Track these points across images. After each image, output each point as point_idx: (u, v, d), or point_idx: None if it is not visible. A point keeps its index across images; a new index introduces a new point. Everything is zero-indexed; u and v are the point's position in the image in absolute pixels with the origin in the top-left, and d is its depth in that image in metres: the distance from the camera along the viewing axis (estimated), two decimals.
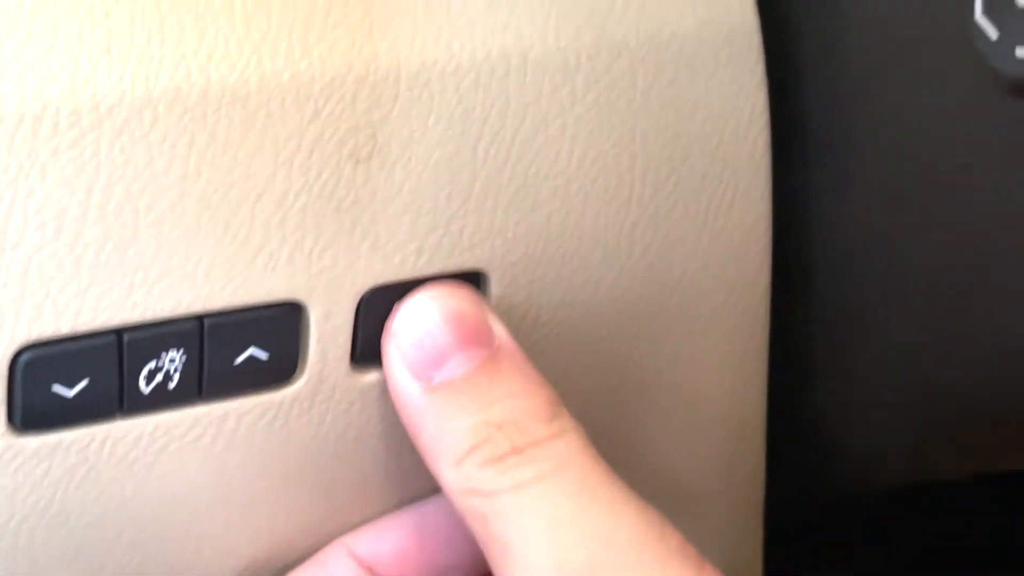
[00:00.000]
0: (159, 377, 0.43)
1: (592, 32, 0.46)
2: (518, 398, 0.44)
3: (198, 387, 0.44)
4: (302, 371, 0.45)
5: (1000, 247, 0.45)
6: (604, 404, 0.50)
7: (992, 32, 0.39)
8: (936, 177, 0.46)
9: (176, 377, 0.43)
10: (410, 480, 0.48)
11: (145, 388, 0.43)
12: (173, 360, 0.43)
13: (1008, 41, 0.39)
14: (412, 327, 0.44)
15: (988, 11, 0.39)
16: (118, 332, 0.42)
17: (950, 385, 0.50)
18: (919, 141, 0.46)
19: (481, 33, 0.44)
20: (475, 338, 0.44)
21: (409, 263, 0.45)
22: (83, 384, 0.42)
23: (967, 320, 0.47)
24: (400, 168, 0.44)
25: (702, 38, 0.47)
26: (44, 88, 0.40)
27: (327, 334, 0.45)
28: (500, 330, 0.45)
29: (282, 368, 0.45)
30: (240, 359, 0.44)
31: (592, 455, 0.43)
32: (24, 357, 0.41)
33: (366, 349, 0.46)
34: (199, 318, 0.43)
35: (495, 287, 0.46)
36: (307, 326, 0.45)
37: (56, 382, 0.42)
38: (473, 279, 0.46)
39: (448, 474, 0.43)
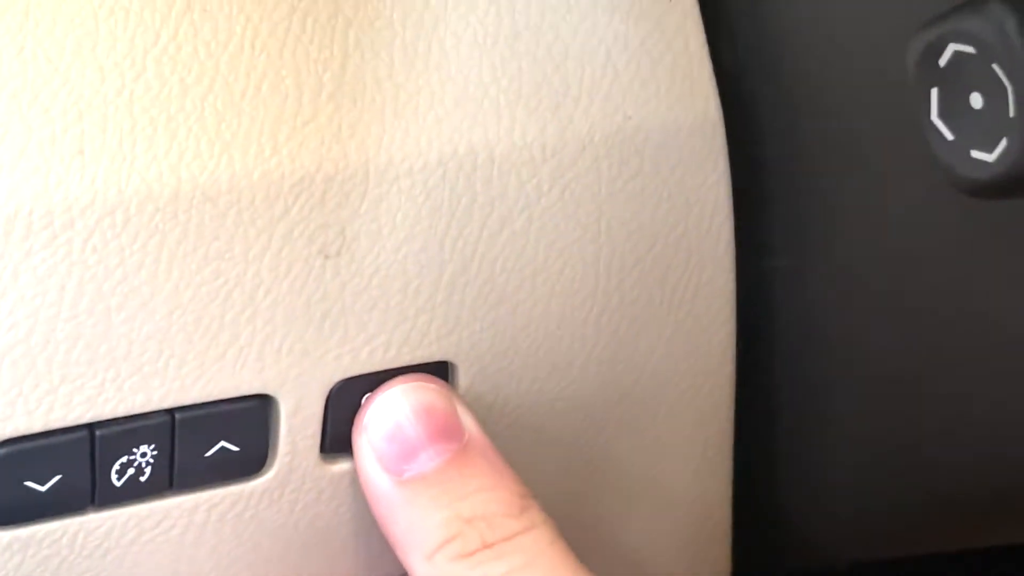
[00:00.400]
0: (131, 471, 0.44)
1: (557, 127, 0.46)
2: (488, 492, 0.44)
3: (169, 480, 0.44)
4: (272, 462, 0.46)
5: (955, 338, 0.46)
6: (571, 490, 0.50)
7: (948, 133, 0.40)
8: (894, 270, 0.47)
9: (148, 471, 0.44)
10: (379, 569, 0.48)
11: (117, 482, 0.44)
12: (145, 454, 0.44)
13: (963, 143, 0.39)
14: (383, 421, 0.45)
15: (943, 113, 0.40)
16: (90, 428, 0.43)
17: (910, 468, 0.50)
18: (878, 235, 0.47)
19: (448, 130, 0.45)
20: (445, 432, 0.45)
21: (378, 356, 0.46)
22: (55, 479, 0.43)
23: (925, 408, 0.48)
24: (369, 263, 0.45)
25: (666, 131, 0.48)
26: (17, 190, 0.41)
27: (297, 426, 0.45)
28: (470, 423, 0.45)
29: (252, 460, 0.45)
30: (211, 452, 0.45)
31: (561, 548, 0.44)
32: None
33: (335, 440, 0.46)
34: (170, 413, 0.44)
35: (463, 378, 0.47)
36: (277, 418, 0.45)
37: (28, 478, 0.43)
38: (441, 370, 0.47)
39: (419, 567, 0.44)
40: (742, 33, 0.49)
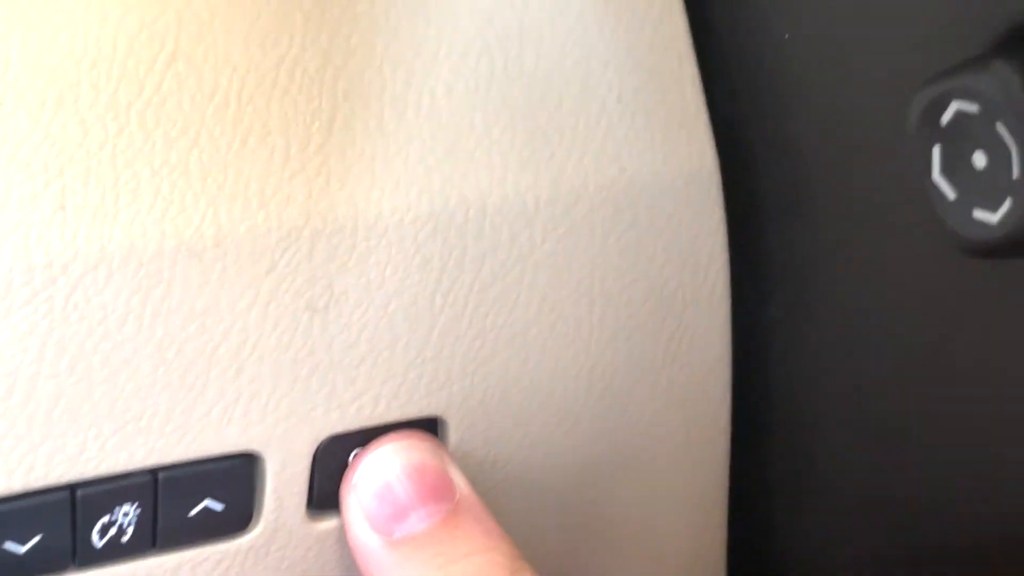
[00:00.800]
0: (112, 531, 0.43)
1: (550, 179, 0.46)
2: (480, 555, 0.43)
3: (152, 539, 0.43)
4: (258, 520, 0.45)
5: (952, 402, 0.45)
6: (564, 546, 0.49)
7: (950, 192, 0.39)
8: (894, 324, 0.46)
9: (130, 530, 0.43)
10: None
11: (98, 542, 0.43)
12: (127, 514, 0.43)
13: (966, 202, 0.39)
14: (373, 480, 0.44)
15: (946, 171, 0.39)
16: (71, 488, 0.42)
17: (904, 521, 0.49)
18: (876, 290, 0.46)
19: (439, 182, 0.44)
20: (437, 492, 0.44)
21: (366, 411, 0.45)
22: (35, 540, 0.42)
23: (922, 462, 0.47)
24: (357, 317, 0.44)
25: (662, 182, 0.47)
26: None
27: (283, 483, 0.44)
28: (461, 482, 0.44)
29: (237, 518, 0.44)
30: (195, 511, 0.44)
31: None
32: None
33: (323, 496, 0.45)
34: (153, 472, 0.43)
35: (453, 433, 0.46)
36: (263, 476, 0.44)
37: (8, 539, 0.42)
38: (431, 425, 0.46)
39: None
40: (740, 81, 0.48)
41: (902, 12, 0.42)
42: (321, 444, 0.44)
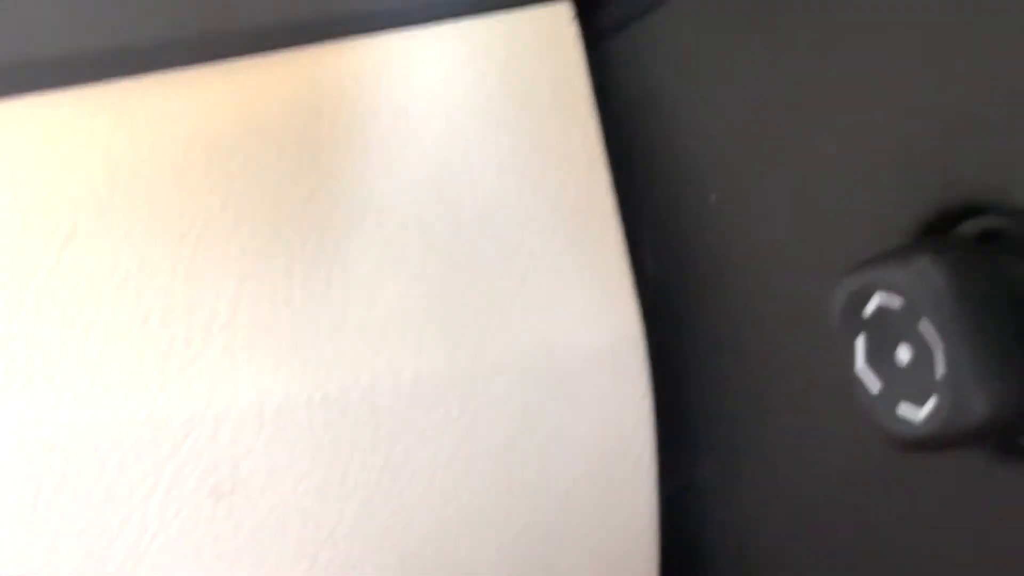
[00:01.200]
0: None
1: (467, 352, 0.44)
2: None
3: None
4: None
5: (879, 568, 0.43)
6: None
7: (874, 385, 0.38)
8: (819, 498, 0.44)
9: None
10: None
11: None
12: None
13: (890, 396, 0.37)
14: None
15: (870, 362, 0.38)
16: None
17: None
18: (804, 459, 0.44)
19: (350, 358, 0.43)
20: None
21: None
22: None
23: None
24: (264, 501, 0.42)
25: (585, 352, 0.45)
26: None
27: None
28: None
29: None
30: None
31: None
32: None
33: None
34: None
35: None
36: None
37: None
38: None
39: None
40: (666, 242, 0.46)
41: (826, 190, 0.40)
42: None
